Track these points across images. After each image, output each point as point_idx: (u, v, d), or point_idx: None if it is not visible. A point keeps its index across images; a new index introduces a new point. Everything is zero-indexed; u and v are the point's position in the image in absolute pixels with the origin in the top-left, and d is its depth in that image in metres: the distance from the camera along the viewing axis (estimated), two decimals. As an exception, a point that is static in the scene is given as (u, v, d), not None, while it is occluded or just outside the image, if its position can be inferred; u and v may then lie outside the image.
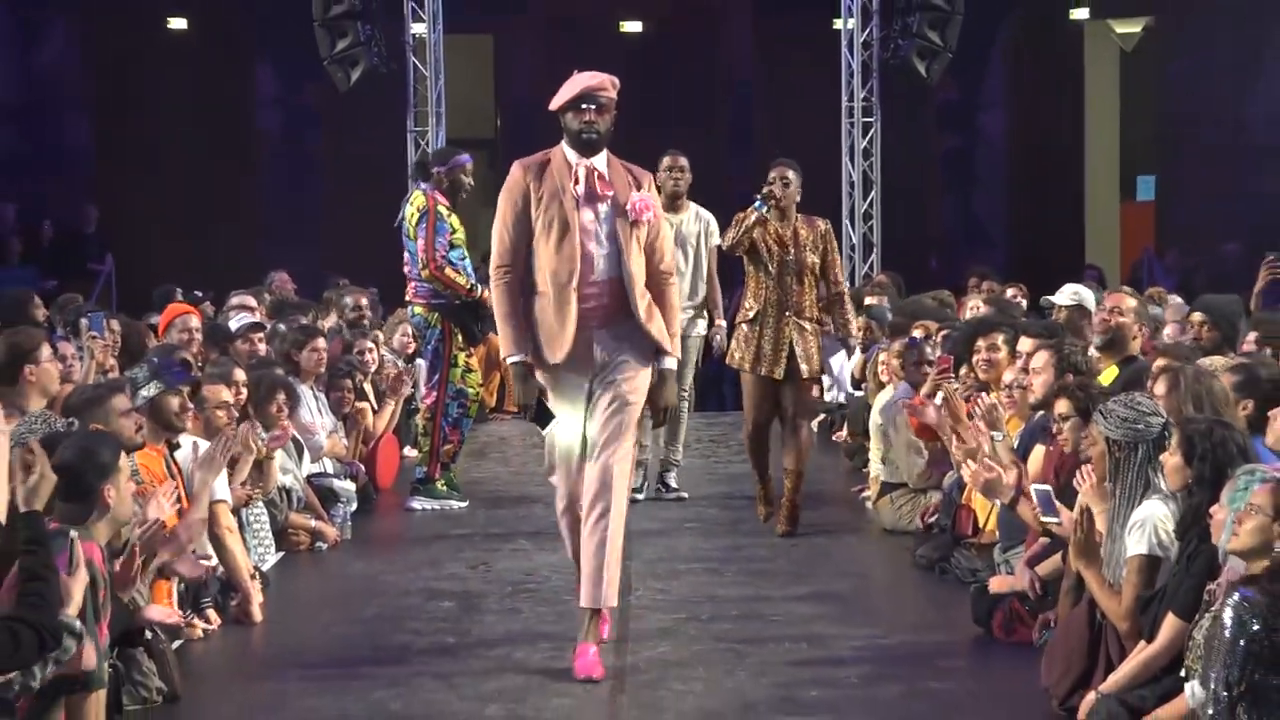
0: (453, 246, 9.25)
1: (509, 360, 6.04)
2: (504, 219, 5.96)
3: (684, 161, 9.52)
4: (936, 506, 7.80)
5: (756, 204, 8.52)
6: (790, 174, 8.69)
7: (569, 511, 6.09)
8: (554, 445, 6.06)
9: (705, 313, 9.90)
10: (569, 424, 5.96)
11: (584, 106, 5.84)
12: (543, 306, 5.90)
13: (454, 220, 9.30)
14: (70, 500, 5.27)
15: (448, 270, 9.23)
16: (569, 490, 6.04)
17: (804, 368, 8.52)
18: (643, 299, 5.92)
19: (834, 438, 11.63)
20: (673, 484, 9.74)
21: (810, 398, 9.21)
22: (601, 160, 5.97)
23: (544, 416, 5.93)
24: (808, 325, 8.58)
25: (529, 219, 5.90)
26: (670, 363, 6.02)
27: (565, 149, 5.93)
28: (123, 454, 5.82)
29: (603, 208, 5.92)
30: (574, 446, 5.99)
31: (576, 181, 5.90)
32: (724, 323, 10.13)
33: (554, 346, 5.85)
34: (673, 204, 9.29)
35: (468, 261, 9.36)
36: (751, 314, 8.65)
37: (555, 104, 5.94)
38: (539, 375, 6.00)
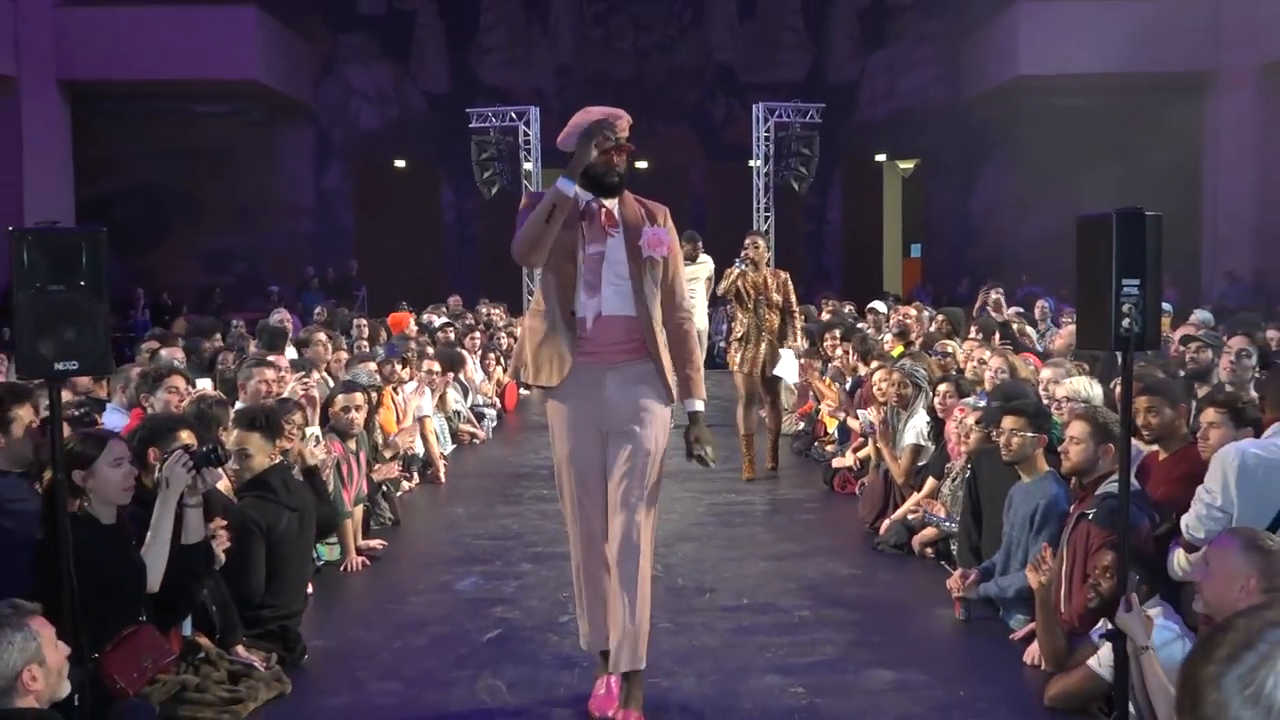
0: None
1: (557, 191, 4.60)
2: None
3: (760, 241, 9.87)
4: (933, 535, 7.13)
5: (738, 263, 9.63)
6: (760, 241, 9.82)
7: (584, 560, 4.83)
8: (562, 479, 4.83)
9: None
10: (581, 457, 4.74)
11: (608, 146, 4.73)
12: (547, 331, 4.72)
13: None
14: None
15: None
16: (583, 534, 4.80)
17: (773, 368, 9.81)
18: (659, 338, 4.76)
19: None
20: None
21: (778, 387, 10.12)
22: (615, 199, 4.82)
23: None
24: (775, 342, 9.71)
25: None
26: (697, 404, 4.84)
27: (579, 187, 4.68)
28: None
29: (612, 243, 4.70)
30: (586, 485, 4.75)
31: (584, 217, 4.72)
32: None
33: (551, 369, 4.69)
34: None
35: None
36: (740, 335, 9.74)
37: (568, 141, 4.80)
38: (546, 404, 4.91)
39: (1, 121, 19.77)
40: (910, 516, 7.45)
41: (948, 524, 7.02)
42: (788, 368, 10.05)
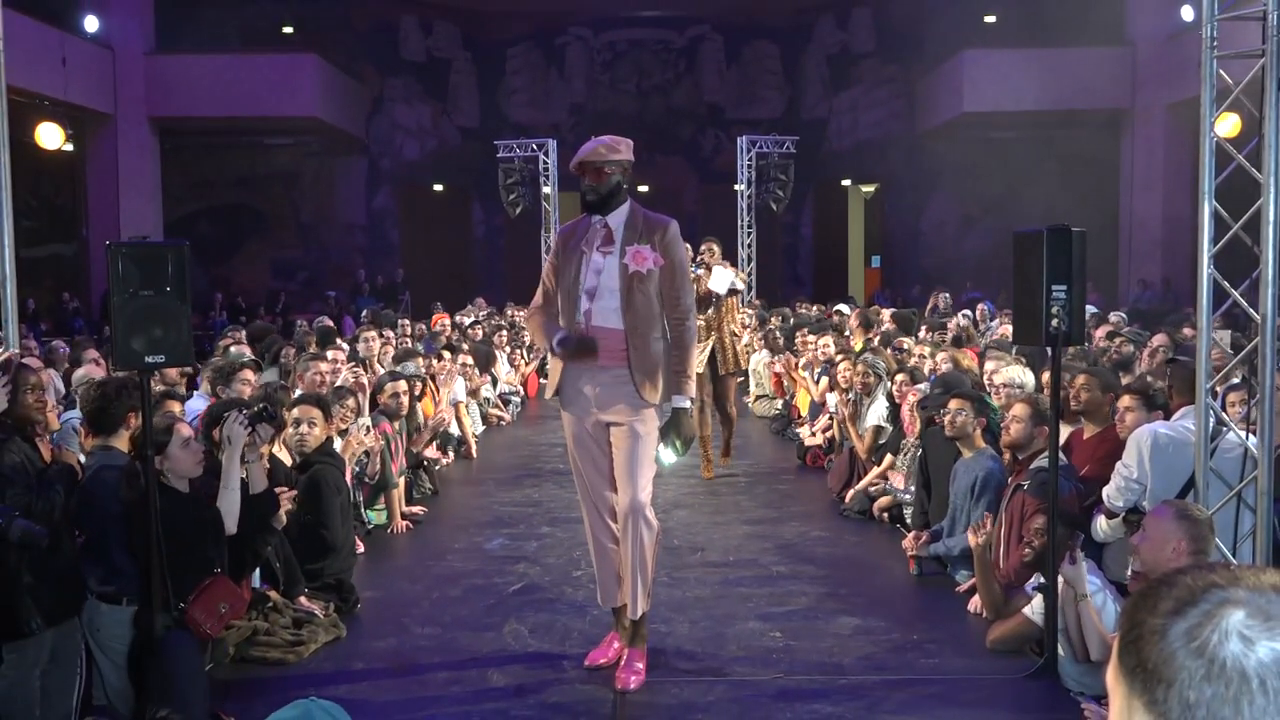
0: None
1: (551, 347, 4.53)
2: (545, 274, 4.72)
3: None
4: (890, 502, 7.12)
5: (694, 268, 8.39)
6: (715, 246, 8.74)
7: (593, 533, 4.67)
8: (578, 486, 4.69)
9: None
10: (582, 448, 4.58)
11: (584, 173, 4.55)
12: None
13: None
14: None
15: None
16: (591, 511, 4.64)
17: (727, 365, 8.72)
18: (642, 344, 4.45)
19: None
20: None
21: (733, 382, 8.86)
22: (620, 214, 4.55)
23: (584, 345, 4.43)
24: (726, 339, 8.66)
25: (554, 274, 4.65)
26: (681, 401, 4.49)
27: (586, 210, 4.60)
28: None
29: (609, 260, 4.47)
30: (588, 470, 4.60)
31: (587, 240, 4.53)
32: None
33: (551, 380, 4.65)
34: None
35: None
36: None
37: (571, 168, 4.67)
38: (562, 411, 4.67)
39: (101, 153, 19.78)
40: (872, 488, 7.48)
41: (904, 494, 7.04)
42: (722, 277, 8.50)
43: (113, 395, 4.44)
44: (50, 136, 16.05)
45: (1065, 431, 5.68)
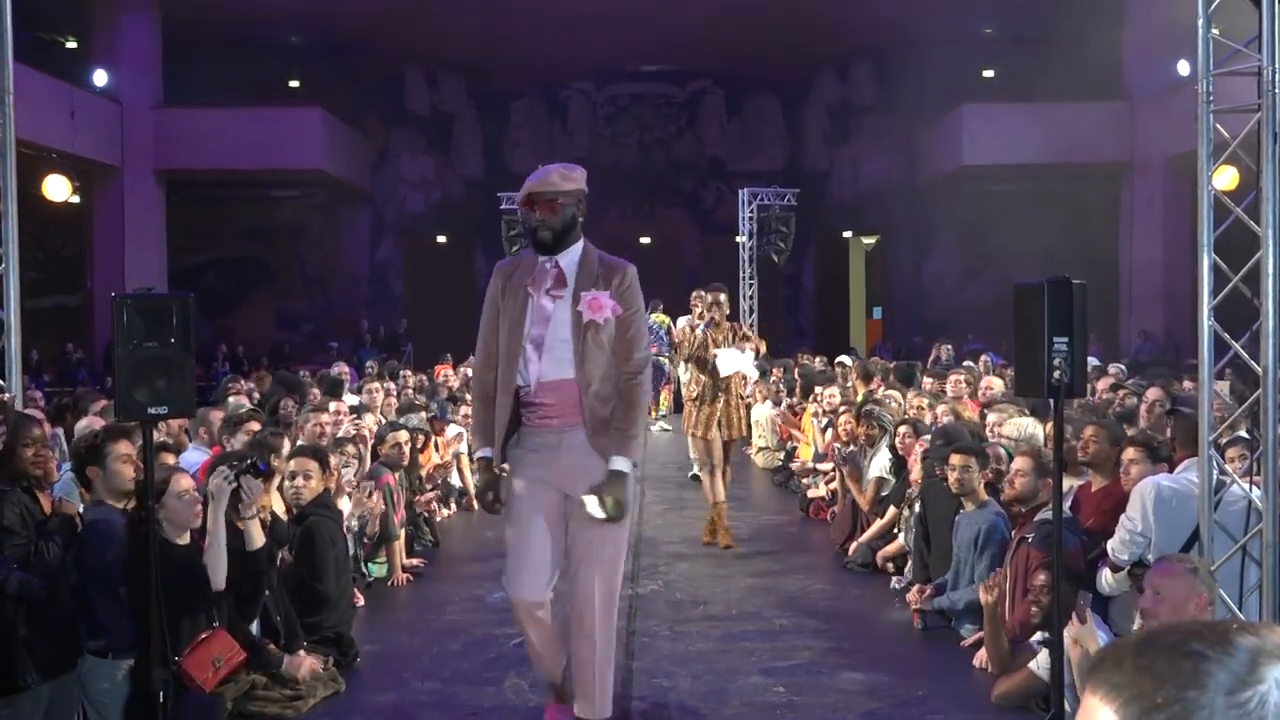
0: None
1: (475, 455, 4.16)
2: (484, 321, 4.09)
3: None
4: (897, 551, 7.05)
5: (700, 326, 8.06)
6: (723, 297, 8.18)
7: (530, 617, 4.01)
8: (510, 545, 4.02)
9: None
10: (530, 523, 3.95)
11: (533, 207, 3.97)
12: (500, 401, 3.99)
13: None
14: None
15: None
16: (526, 598, 3.95)
17: (733, 431, 8.15)
18: (599, 404, 3.92)
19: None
20: None
21: (734, 447, 8.39)
22: (573, 254, 3.99)
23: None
24: (733, 403, 8.07)
25: (498, 320, 4.04)
26: (620, 463, 3.87)
27: (533, 248, 4.05)
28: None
29: (560, 306, 3.92)
30: (531, 551, 3.95)
31: (534, 281, 3.97)
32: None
33: (496, 440, 4.01)
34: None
35: None
36: (695, 396, 8.13)
37: (517, 202, 4.09)
38: (508, 467, 4.07)
39: (107, 205, 19.92)
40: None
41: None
42: (732, 360, 7.97)
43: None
44: (57, 188, 16.16)
45: (1072, 484, 5.65)
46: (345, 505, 6.48)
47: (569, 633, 4.06)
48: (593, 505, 3.84)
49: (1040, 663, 4.51)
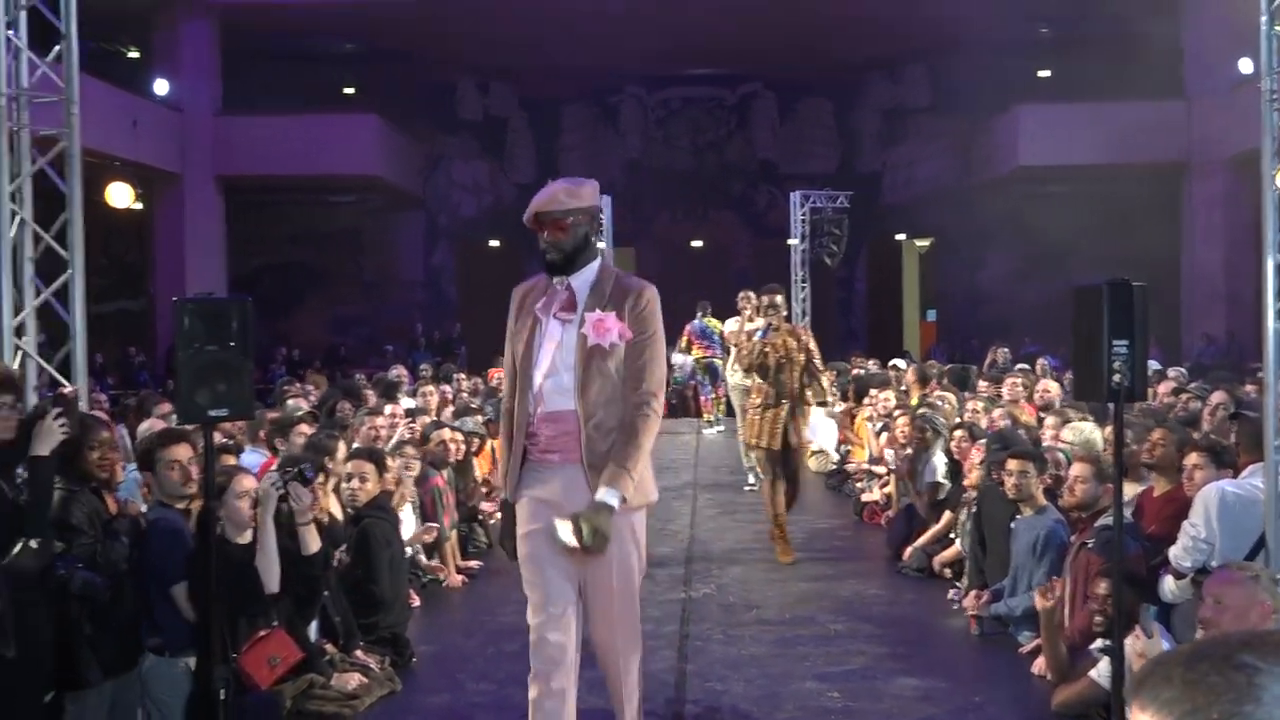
0: None
1: (502, 498, 3.92)
2: (506, 351, 3.82)
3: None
4: (953, 556, 6.92)
5: (761, 332, 7.83)
6: (779, 299, 7.88)
7: (541, 679, 3.62)
8: (532, 590, 3.69)
9: None
10: (548, 568, 3.61)
11: (542, 227, 3.63)
12: (515, 436, 3.70)
13: None
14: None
15: None
16: (544, 654, 3.61)
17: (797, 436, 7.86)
18: (599, 436, 3.56)
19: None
20: None
21: (803, 455, 8.33)
22: (587, 274, 3.66)
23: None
24: (795, 405, 7.75)
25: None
26: (608, 496, 3.43)
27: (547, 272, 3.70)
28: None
29: (568, 330, 3.61)
30: (551, 598, 3.61)
31: (545, 301, 3.66)
32: None
33: (509, 479, 3.74)
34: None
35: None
36: (759, 404, 7.81)
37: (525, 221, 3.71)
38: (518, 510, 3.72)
39: (168, 211, 20.27)
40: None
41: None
42: (823, 433, 7.91)
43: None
44: (120, 195, 16.49)
45: (1134, 489, 5.56)
46: (407, 513, 6.53)
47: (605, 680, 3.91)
48: (564, 532, 3.38)
49: (1101, 671, 4.45)
